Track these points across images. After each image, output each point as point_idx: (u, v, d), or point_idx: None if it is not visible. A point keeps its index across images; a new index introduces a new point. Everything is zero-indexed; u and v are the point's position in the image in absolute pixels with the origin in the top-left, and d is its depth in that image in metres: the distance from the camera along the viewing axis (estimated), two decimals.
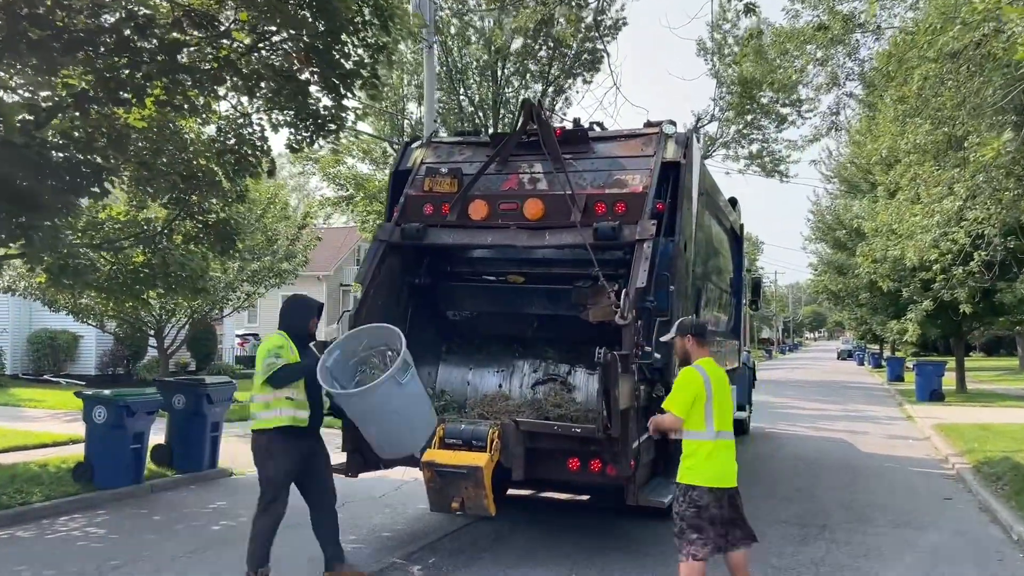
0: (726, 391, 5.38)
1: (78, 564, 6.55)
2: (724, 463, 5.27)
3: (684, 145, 7.60)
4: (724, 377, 5.45)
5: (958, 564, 6.92)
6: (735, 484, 5.33)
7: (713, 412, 5.24)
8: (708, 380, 5.26)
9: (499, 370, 8.42)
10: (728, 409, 5.37)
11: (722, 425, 5.28)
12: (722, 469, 5.25)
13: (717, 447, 5.24)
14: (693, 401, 5.23)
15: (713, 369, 5.39)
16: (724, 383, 5.39)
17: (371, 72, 9.57)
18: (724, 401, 5.33)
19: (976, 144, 12.99)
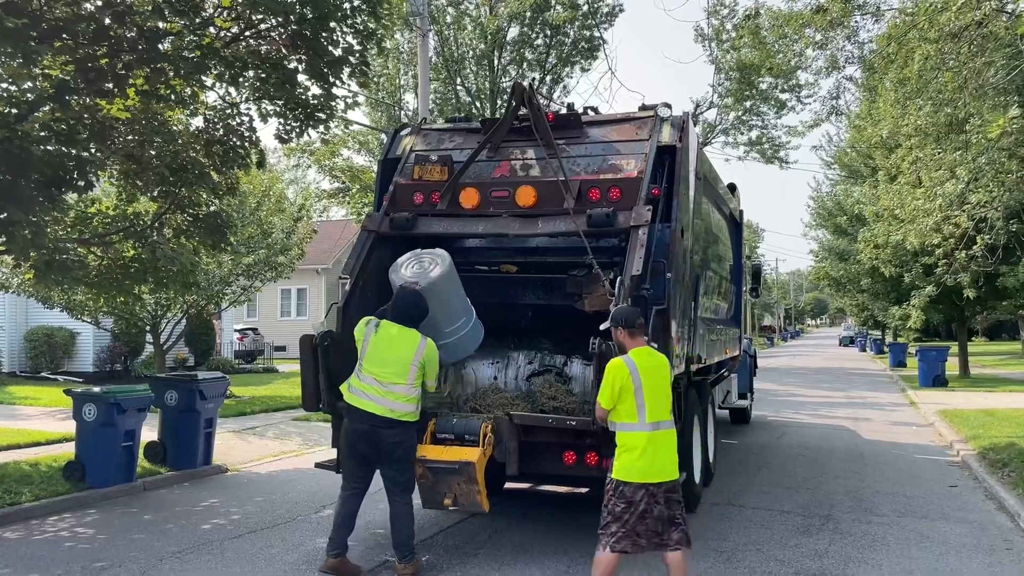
0: (662, 380, 5.26)
1: (64, 566, 6.40)
2: (659, 455, 5.12)
3: (680, 128, 7.40)
4: (660, 366, 5.32)
5: (965, 553, 6.76)
6: (673, 477, 5.16)
7: (645, 403, 5.12)
8: (635, 371, 5.15)
9: (494, 362, 8.25)
10: (663, 399, 5.22)
11: (656, 415, 5.14)
12: (656, 462, 5.11)
13: (652, 439, 5.10)
14: (619, 392, 5.13)
15: (644, 359, 5.25)
16: (659, 372, 5.28)
17: (360, 59, 9.40)
18: (658, 391, 5.19)
19: (978, 126, 12.80)
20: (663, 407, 5.20)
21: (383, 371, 5.91)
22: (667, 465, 5.13)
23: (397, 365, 5.90)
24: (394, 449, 5.92)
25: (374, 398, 5.88)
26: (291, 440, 13.16)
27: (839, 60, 15.98)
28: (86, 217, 10.84)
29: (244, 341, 33.24)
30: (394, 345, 5.96)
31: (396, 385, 5.88)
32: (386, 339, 6.00)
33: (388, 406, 5.86)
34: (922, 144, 14.69)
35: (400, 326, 6.05)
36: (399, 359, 5.92)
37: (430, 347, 6.03)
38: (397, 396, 5.88)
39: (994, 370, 29.31)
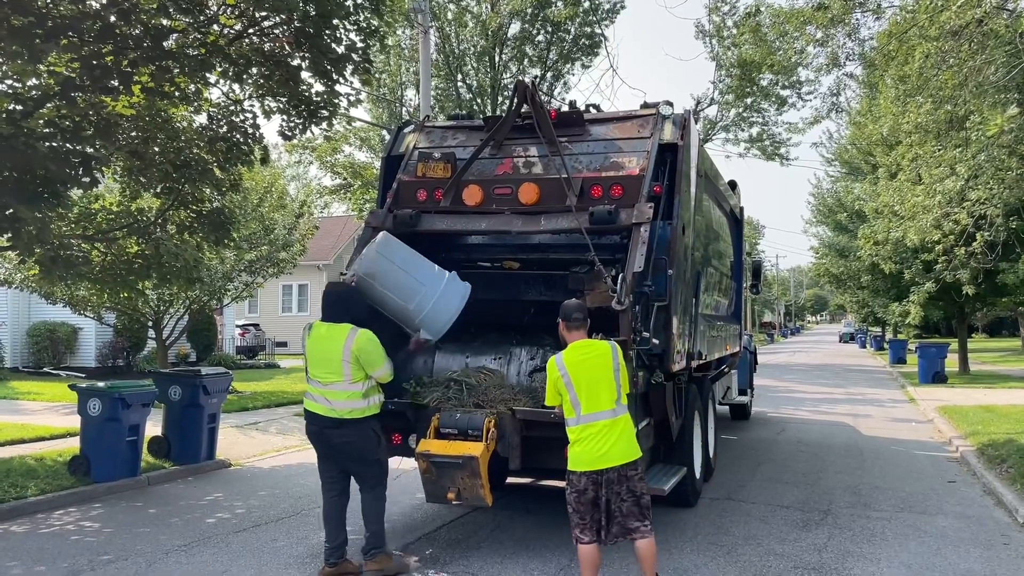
0: (597, 370, 5.33)
1: (70, 559, 6.47)
2: (599, 444, 5.24)
3: (681, 126, 7.45)
4: (596, 356, 5.38)
5: (963, 548, 6.83)
6: (619, 462, 5.24)
7: (578, 396, 5.28)
8: (563, 367, 5.33)
9: (496, 358, 8.29)
10: (600, 387, 5.30)
11: (592, 407, 5.27)
12: (598, 450, 5.23)
13: (588, 430, 5.26)
14: (556, 389, 5.38)
15: (575, 353, 5.39)
16: (594, 362, 5.35)
17: (363, 57, 9.44)
18: (593, 383, 5.29)
19: (978, 123, 12.84)
20: (600, 398, 5.29)
21: (321, 372, 5.95)
22: (610, 452, 5.23)
23: (330, 364, 5.91)
24: (346, 447, 5.98)
25: (318, 399, 5.95)
26: (293, 435, 13.23)
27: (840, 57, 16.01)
28: (90, 213, 10.89)
29: (245, 337, 33.32)
30: (323, 345, 5.98)
31: (334, 384, 5.90)
32: (317, 340, 6.04)
33: (329, 405, 5.90)
34: (922, 141, 14.73)
35: (329, 324, 6.05)
36: (330, 358, 5.92)
37: (360, 339, 5.91)
38: (337, 395, 5.90)
39: (994, 367, 29.36)
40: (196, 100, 10.00)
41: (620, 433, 5.30)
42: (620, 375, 5.39)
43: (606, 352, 5.42)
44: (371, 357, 5.94)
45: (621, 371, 5.41)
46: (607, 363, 5.37)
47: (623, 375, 5.43)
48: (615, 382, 5.35)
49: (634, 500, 5.26)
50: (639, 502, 5.27)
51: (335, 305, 6.16)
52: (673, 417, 7.35)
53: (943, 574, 6.13)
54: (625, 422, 5.36)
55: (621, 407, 5.36)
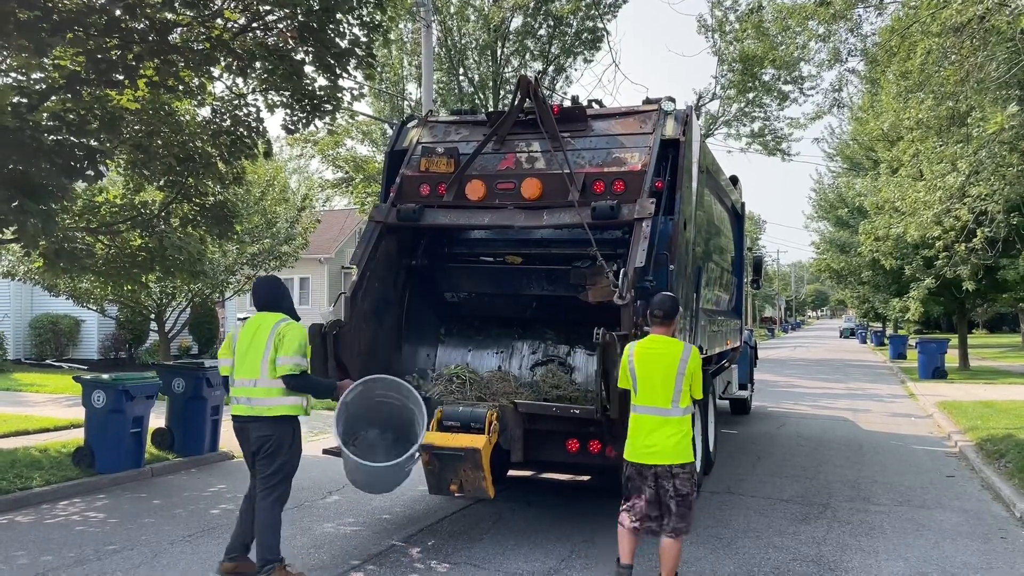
0: (659, 368, 5.37)
1: (76, 549, 6.54)
2: (647, 438, 5.35)
3: (683, 122, 7.49)
4: (663, 355, 5.42)
5: (961, 542, 6.89)
6: (667, 462, 5.31)
7: (637, 388, 5.43)
8: (632, 357, 5.46)
9: (498, 351, 8.37)
10: (656, 384, 5.35)
11: (646, 400, 5.38)
12: (643, 444, 5.36)
13: (640, 421, 5.41)
14: (625, 374, 5.52)
15: (646, 346, 5.49)
16: (658, 360, 5.39)
17: (367, 51, 9.47)
18: (652, 378, 5.36)
19: (979, 119, 12.87)
20: (656, 393, 5.34)
21: (246, 367, 5.73)
22: (659, 449, 5.30)
23: (256, 352, 5.69)
24: (263, 442, 5.68)
25: (241, 400, 5.75)
26: None
27: (842, 53, 16.03)
28: (94, 206, 10.94)
29: None
30: (254, 332, 5.76)
31: (259, 380, 5.68)
32: (249, 327, 5.82)
33: (250, 404, 5.71)
34: (923, 137, 14.76)
35: (260, 314, 5.87)
36: (258, 345, 5.70)
37: (288, 325, 5.71)
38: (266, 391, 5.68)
39: (994, 362, 29.42)
40: (200, 94, 10.04)
41: (671, 434, 5.32)
42: (684, 380, 5.37)
43: (675, 354, 5.41)
44: (288, 340, 5.62)
45: (687, 376, 5.38)
46: (672, 364, 5.37)
47: (689, 381, 5.40)
48: (675, 384, 5.35)
49: (679, 500, 5.32)
50: (684, 502, 5.33)
51: (266, 295, 5.94)
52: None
53: (941, 567, 6.19)
54: (679, 424, 5.36)
55: (678, 409, 5.36)
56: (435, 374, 7.73)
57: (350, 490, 8.68)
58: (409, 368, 7.99)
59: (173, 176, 10.43)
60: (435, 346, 8.51)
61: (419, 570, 6.00)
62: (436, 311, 8.55)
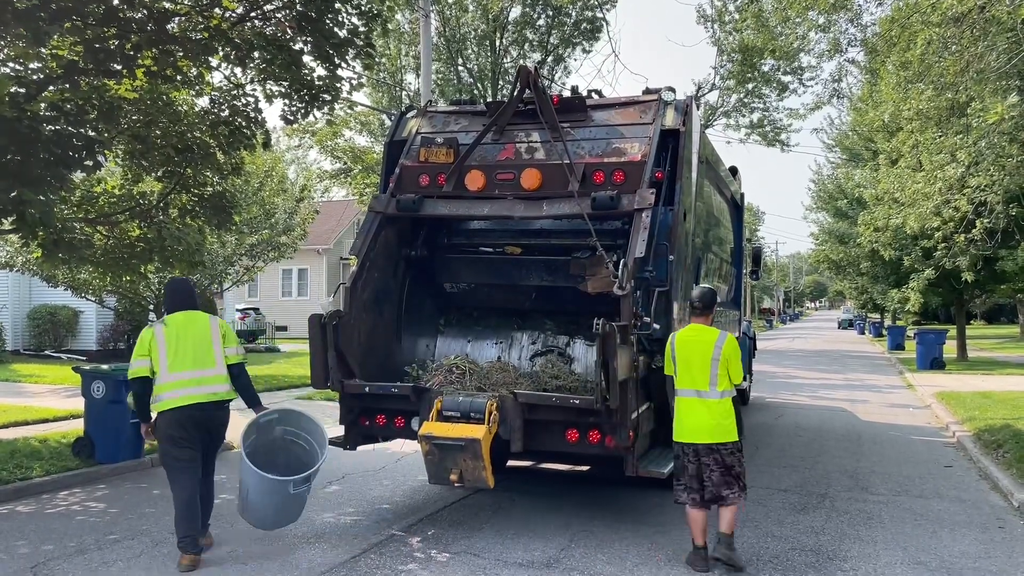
0: (698, 354, 5.83)
1: (76, 538, 6.55)
2: (690, 418, 5.83)
3: (683, 112, 7.47)
4: (701, 341, 5.88)
5: (959, 531, 6.91)
6: (709, 440, 5.75)
7: (678, 372, 5.92)
8: (673, 343, 6.01)
9: (498, 342, 8.38)
10: (695, 368, 5.81)
11: (687, 384, 5.85)
12: (687, 424, 5.84)
13: (683, 403, 5.88)
14: (669, 360, 6.03)
15: (686, 334, 5.99)
16: (697, 346, 5.86)
17: (365, 41, 9.45)
18: (692, 363, 5.83)
19: (979, 110, 12.85)
20: (695, 377, 5.82)
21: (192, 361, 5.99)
22: (701, 428, 5.76)
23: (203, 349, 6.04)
24: (221, 429, 6.24)
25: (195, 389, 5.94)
26: None
27: (841, 43, 16.00)
28: (92, 197, 10.92)
29: (246, 321, 33.38)
30: (191, 330, 6.08)
31: (211, 369, 6.04)
32: (182, 327, 6.09)
33: (211, 390, 6.02)
34: (923, 128, 14.73)
35: (184, 313, 6.18)
36: (201, 343, 6.05)
37: (221, 321, 6.30)
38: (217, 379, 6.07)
39: (992, 353, 29.47)
40: (198, 84, 10.01)
41: (712, 414, 5.76)
42: (720, 364, 5.77)
43: (710, 340, 5.86)
44: (230, 334, 6.24)
45: (723, 361, 5.78)
46: (707, 349, 5.82)
47: (725, 366, 5.79)
48: (711, 368, 5.78)
49: (723, 471, 5.74)
50: (729, 472, 5.75)
51: (188, 295, 6.35)
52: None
53: (939, 557, 6.21)
54: (719, 406, 5.77)
55: (716, 392, 5.77)
56: (435, 364, 7.73)
57: (350, 480, 8.71)
58: (408, 358, 8.00)
59: (171, 167, 10.41)
60: (435, 336, 8.52)
61: (419, 559, 6.02)
62: (436, 301, 8.56)
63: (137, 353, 6.02)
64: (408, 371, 7.67)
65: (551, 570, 5.81)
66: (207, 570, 5.81)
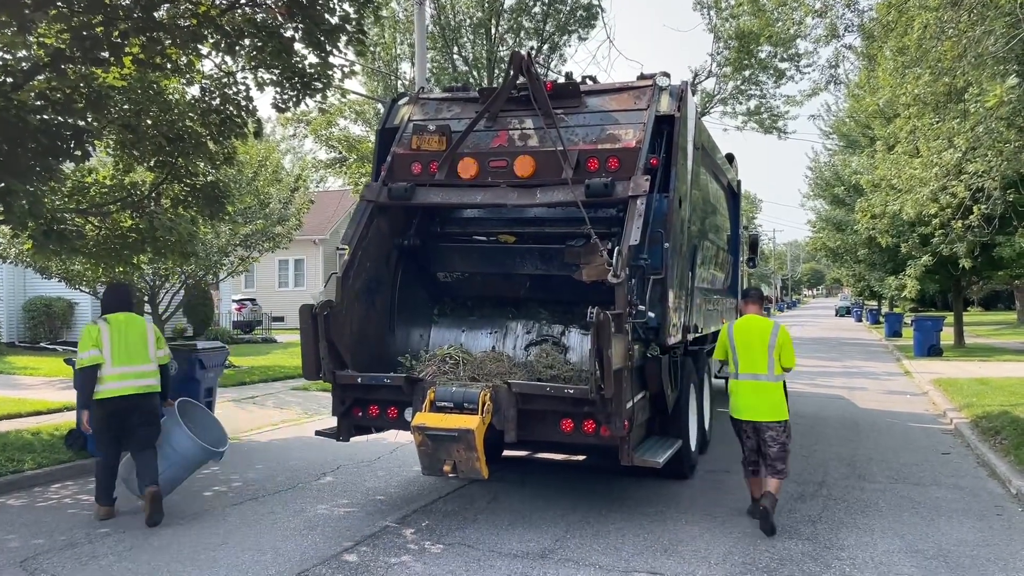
0: (756, 340, 6.62)
1: (67, 532, 6.50)
2: (747, 399, 6.62)
3: (678, 98, 7.39)
4: (758, 329, 6.69)
5: (957, 519, 6.87)
6: (766, 419, 6.56)
7: (737, 358, 6.66)
8: (731, 332, 6.78)
9: (492, 332, 8.32)
10: (755, 354, 6.58)
11: (746, 368, 6.61)
12: (745, 404, 6.62)
13: (741, 386, 6.65)
14: (722, 348, 6.83)
15: (743, 323, 6.78)
16: (754, 334, 6.67)
17: (357, 27, 9.32)
18: (750, 349, 6.60)
19: (976, 95, 12.75)
20: (755, 362, 6.58)
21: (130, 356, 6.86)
22: (758, 408, 6.58)
23: (140, 347, 6.93)
24: (150, 416, 6.95)
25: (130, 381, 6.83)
26: (290, 409, 13.26)
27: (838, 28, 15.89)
28: (83, 187, 10.80)
29: (242, 311, 33.29)
30: (130, 329, 6.96)
31: (146, 364, 6.95)
32: (124, 325, 6.95)
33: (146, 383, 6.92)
34: (920, 113, 14.64)
35: (125, 314, 7.06)
36: (137, 341, 6.94)
37: (153, 325, 7.21)
38: (150, 373, 6.99)
39: (989, 340, 29.46)
40: (188, 72, 9.88)
41: (767, 395, 6.57)
42: (776, 351, 6.57)
43: (767, 329, 6.67)
44: (160, 336, 7.18)
45: (778, 348, 6.59)
46: (764, 338, 6.62)
47: (780, 351, 6.60)
48: (768, 354, 6.57)
49: (780, 447, 6.57)
50: (784, 448, 6.58)
51: (127, 299, 7.29)
52: (669, 390, 7.36)
53: (937, 545, 6.17)
54: (774, 388, 6.59)
55: (772, 375, 6.58)
56: (428, 354, 7.66)
57: (344, 471, 8.66)
58: (402, 348, 7.94)
59: (163, 156, 10.28)
60: (428, 327, 8.45)
61: (413, 551, 5.96)
62: (429, 291, 8.48)
63: (87, 345, 6.78)
64: (401, 361, 7.60)
65: (546, 560, 5.75)
66: (199, 560, 5.74)
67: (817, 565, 5.70)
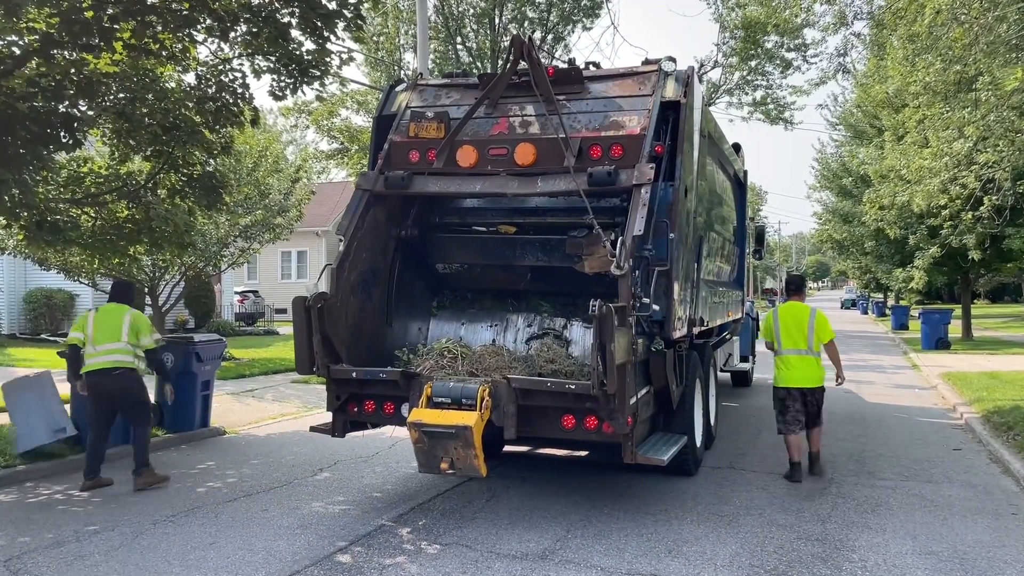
0: (797, 322, 7.95)
1: (55, 530, 6.32)
2: (791, 370, 7.92)
3: (684, 84, 7.15)
4: (798, 313, 8.03)
5: (970, 518, 6.66)
6: (806, 385, 7.90)
7: (780, 337, 7.98)
8: (776, 316, 8.08)
9: (492, 325, 8.11)
10: (797, 334, 7.91)
11: (789, 345, 7.94)
12: (790, 374, 7.93)
13: (786, 360, 7.95)
14: (768, 330, 8.16)
15: (786, 308, 8.13)
16: (796, 317, 7.99)
17: (355, 12, 9.11)
18: (792, 329, 7.93)
19: (988, 83, 12.50)
20: (796, 340, 7.91)
21: (105, 336, 7.75)
22: (798, 377, 7.88)
23: (113, 330, 7.79)
24: (122, 391, 7.76)
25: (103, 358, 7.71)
26: (290, 403, 13.10)
27: (847, 16, 15.62)
28: (79, 177, 10.61)
29: (244, 303, 33.17)
30: (110, 316, 7.87)
31: (116, 343, 7.76)
32: (105, 313, 7.92)
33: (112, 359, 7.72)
34: (930, 103, 14.39)
35: (114, 304, 8.03)
36: (114, 326, 7.80)
37: (135, 314, 7.98)
38: (118, 351, 7.76)
39: (997, 333, 29.20)
40: (183, 59, 9.68)
41: (807, 366, 7.90)
42: (814, 331, 7.90)
43: (805, 313, 8.02)
44: (143, 327, 7.95)
45: (816, 328, 7.91)
46: (803, 320, 7.96)
47: (818, 330, 7.91)
48: (808, 332, 7.90)
49: (817, 409, 8.00)
50: (819, 409, 8.02)
51: (122, 293, 8.22)
52: (674, 385, 7.15)
53: (951, 546, 5.96)
54: (815, 361, 7.94)
55: (811, 351, 7.91)
56: (426, 348, 7.46)
57: (341, 467, 8.49)
58: (400, 342, 7.74)
59: (159, 145, 10.09)
60: (427, 319, 8.25)
61: (408, 552, 5.77)
62: (427, 283, 8.28)
63: (75, 328, 7.96)
64: (399, 355, 7.41)
65: (546, 562, 5.56)
66: (188, 560, 5.56)
67: (828, 567, 5.49)
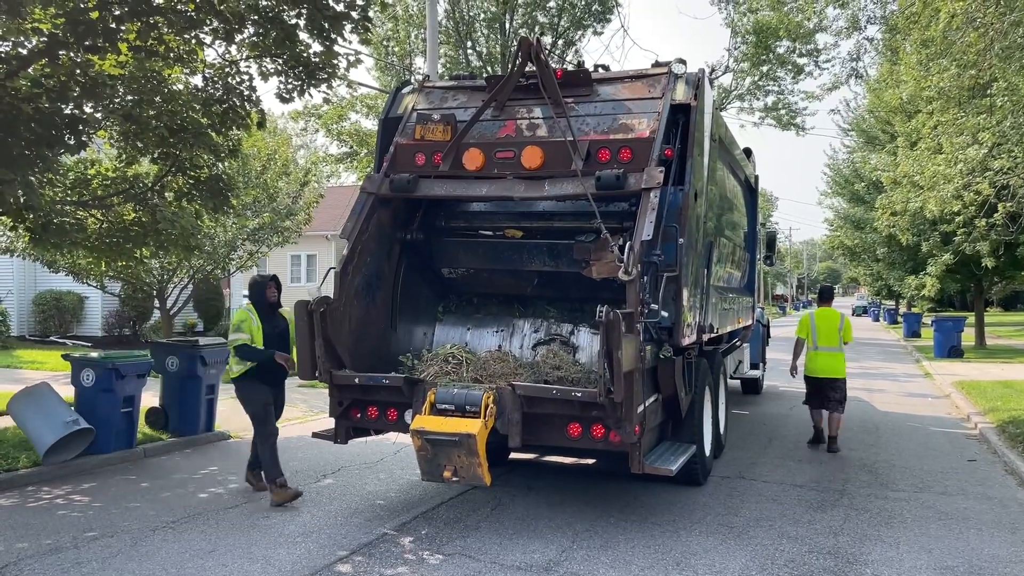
0: (829, 324, 9.78)
1: (54, 535, 6.23)
2: (821, 364, 9.72)
3: (695, 86, 7.03)
4: (830, 318, 9.84)
5: (986, 532, 6.50)
6: (828, 375, 9.66)
7: (817, 336, 9.78)
8: (812, 318, 9.87)
9: (498, 330, 8.00)
10: (828, 334, 9.75)
11: (822, 342, 9.74)
12: (820, 366, 9.73)
13: (818, 355, 9.76)
14: (804, 328, 9.94)
15: (821, 313, 9.93)
16: (829, 320, 9.82)
17: (362, 14, 9.04)
18: (824, 331, 9.76)
19: (1004, 89, 12.33)
20: (828, 339, 9.73)
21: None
22: (825, 369, 9.70)
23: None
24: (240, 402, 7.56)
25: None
26: (295, 407, 13.00)
27: (860, 20, 15.51)
28: (85, 179, 10.57)
29: None
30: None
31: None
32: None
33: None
34: (944, 108, 14.23)
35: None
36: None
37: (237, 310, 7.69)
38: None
39: (1011, 341, 28.89)
40: (191, 61, 9.62)
41: (837, 361, 9.72)
42: (842, 332, 9.77)
43: (836, 317, 9.83)
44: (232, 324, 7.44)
45: (844, 330, 9.80)
46: (835, 323, 9.79)
47: (845, 332, 9.82)
48: (838, 333, 9.75)
49: (839, 396, 9.67)
50: (841, 397, 9.69)
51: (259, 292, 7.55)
52: (682, 393, 7.02)
53: (968, 561, 5.80)
54: (841, 356, 9.77)
55: (840, 348, 9.76)
56: (430, 354, 7.35)
57: (345, 473, 8.39)
58: (404, 347, 7.64)
59: (166, 148, 10.04)
60: (432, 324, 8.15)
61: (410, 562, 5.66)
62: (433, 288, 8.18)
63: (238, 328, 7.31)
64: (403, 360, 7.30)
65: (550, 574, 5.43)
66: (186, 568, 5.47)
67: None
